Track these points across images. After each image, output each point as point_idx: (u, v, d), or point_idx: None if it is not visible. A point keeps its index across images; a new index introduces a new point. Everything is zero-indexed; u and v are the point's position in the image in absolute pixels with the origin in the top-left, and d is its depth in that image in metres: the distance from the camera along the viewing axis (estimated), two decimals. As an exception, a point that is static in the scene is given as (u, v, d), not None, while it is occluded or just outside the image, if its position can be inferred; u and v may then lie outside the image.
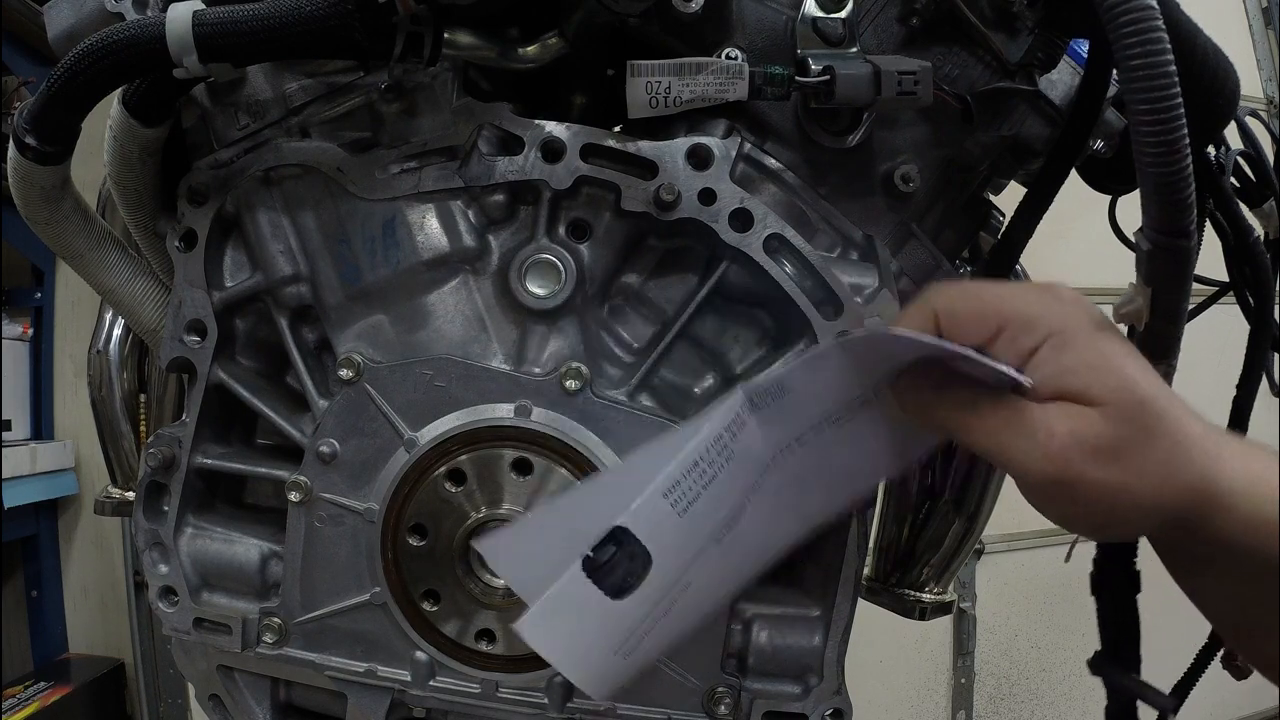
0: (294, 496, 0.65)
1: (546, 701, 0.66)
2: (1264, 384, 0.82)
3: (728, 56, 0.62)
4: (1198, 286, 0.83)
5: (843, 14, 0.62)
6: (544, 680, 0.66)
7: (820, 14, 0.62)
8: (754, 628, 0.68)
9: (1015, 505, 0.57)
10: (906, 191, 0.65)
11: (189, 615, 0.69)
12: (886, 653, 2.75)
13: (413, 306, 0.66)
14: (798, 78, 0.60)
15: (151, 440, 0.69)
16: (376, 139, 0.65)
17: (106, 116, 0.62)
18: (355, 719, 0.69)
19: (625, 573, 0.53)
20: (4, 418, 2.27)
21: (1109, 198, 0.77)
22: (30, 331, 2.40)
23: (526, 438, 0.63)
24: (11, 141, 0.61)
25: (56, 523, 2.44)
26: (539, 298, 0.65)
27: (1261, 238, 0.79)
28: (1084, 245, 1.18)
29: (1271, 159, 0.83)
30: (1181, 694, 0.85)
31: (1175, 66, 0.48)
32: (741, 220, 0.63)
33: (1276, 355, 0.83)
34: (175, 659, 0.72)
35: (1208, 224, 0.78)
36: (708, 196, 0.63)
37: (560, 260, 0.65)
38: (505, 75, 0.66)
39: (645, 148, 0.63)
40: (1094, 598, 0.76)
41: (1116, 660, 0.75)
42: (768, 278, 0.64)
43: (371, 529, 0.65)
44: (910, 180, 0.65)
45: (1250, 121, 0.81)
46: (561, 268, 0.64)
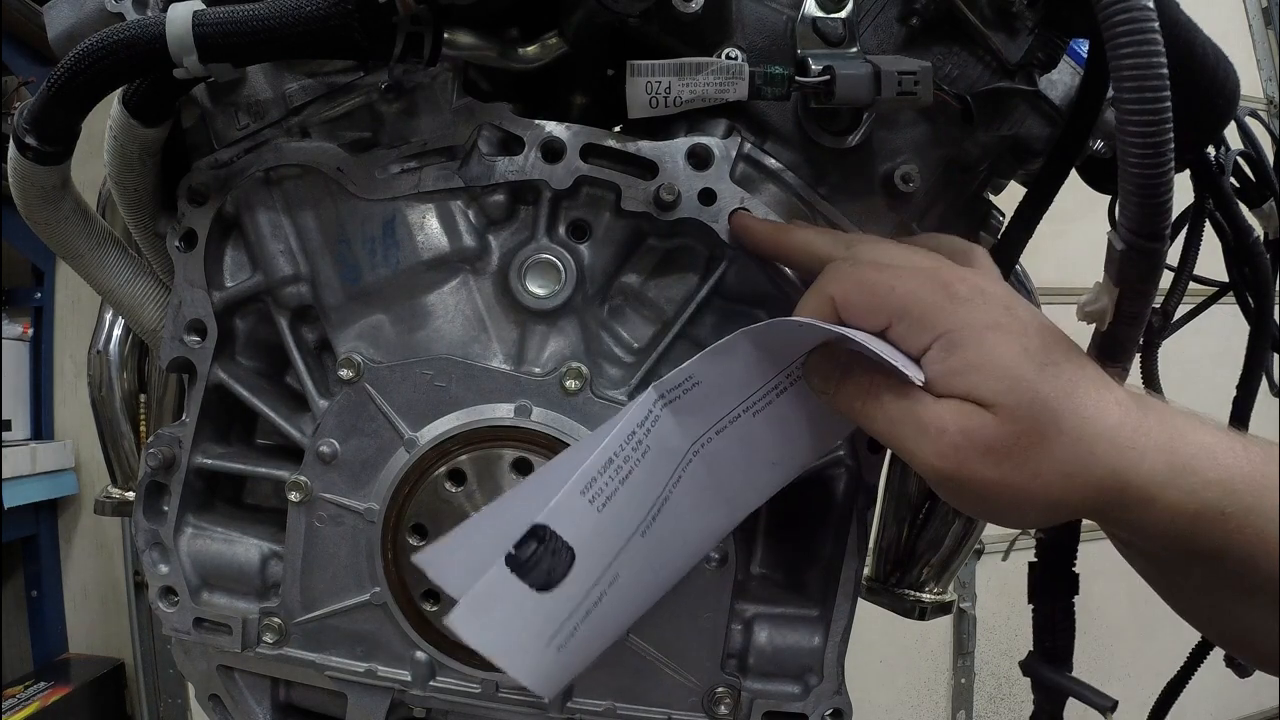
0: (294, 496, 0.65)
1: (547, 701, 0.66)
2: (1264, 384, 0.82)
3: (728, 56, 0.62)
4: (1197, 286, 0.84)
5: (843, 14, 0.62)
6: (544, 680, 0.66)
7: (820, 14, 0.62)
8: (754, 628, 0.68)
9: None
10: (906, 191, 0.65)
11: (189, 615, 0.69)
12: (886, 653, 2.76)
13: (413, 306, 0.66)
14: (798, 78, 0.60)
15: (151, 440, 0.69)
16: (376, 139, 0.65)
17: (106, 116, 0.62)
18: (355, 719, 0.69)
19: (548, 567, 0.54)
20: (4, 418, 2.27)
21: (1109, 198, 0.77)
22: (30, 331, 2.40)
23: (526, 438, 0.63)
24: (11, 141, 0.61)
25: (56, 523, 2.45)
26: (539, 298, 0.65)
27: (1261, 238, 0.79)
28: (1084, 245, 1.18)
29: (1271, 159, 0.83)
30: (1173, 692, 0.85)
31: (1167, 70, 0.48)
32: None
33: (1276, 355, 0.83)
34: (175, 659, 0.72)
35: (1207, 224, 0.79)
36: (708, 196, 0.63)
37: (560, 260, 0.65)
38: (505, 75, 0.66)
39: (645, 148, 0.63)
40: (1030, 602, 0.76)
41: (1050, 662, 0.75)
42: (767, 278, 0.65)
43: (371, 529, 0.65)
44: (910, 180, 0.65)
45: (1250, 121, 0.81)
46: (561, 268, 0.65)
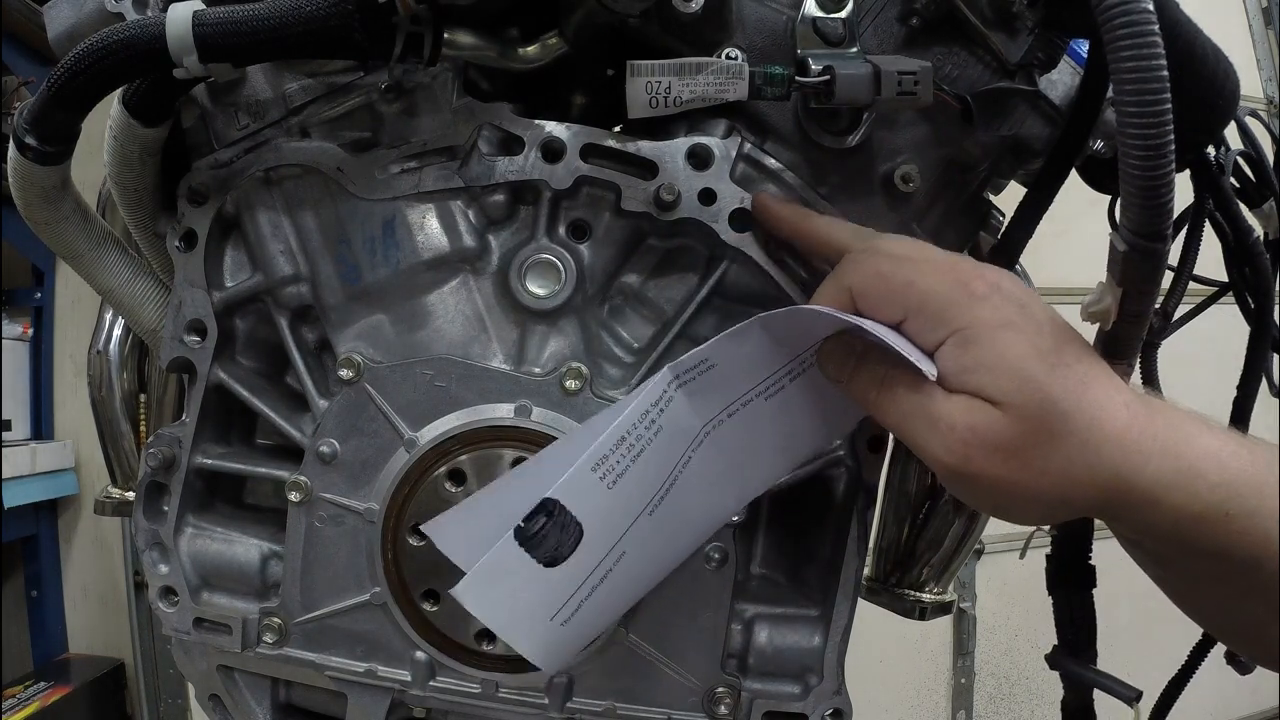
0: (294, 496, 0.65)
1: (546, 701, 0.66)
2: (1264, 384, 0.82)
3: (728, 56, 0.62)
4: (1197, 286, 0.84)
5: (843, 14, 0.62)
6: (544, 680, 0.66)
7: (820, 14, 0.62)
8: (754, 628, 0.68)
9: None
10: (906, 191, 0.65)
11: (189, 615, 0.69)
12: (886, 653, 2.75)
13: (413, 306, 0.66)
14: (798, 78, 0.60)
15: (151, 440, 0.69)
16: (376, 139, 0.65)
17: (106, 116, 0.62)
18: (355, 719, 0.69)
19: (556, 542, 0.55)
20: (4, 418, 2.27)
21: (1109, 198, 0.77)
22: (30, 331, 2.40)
23: (526, 438, 0.63)
24: (11, 141, 0.61)
25: (56, 523, 2.45)
26: (539, 298, 0.65)
27: (1261, 238, 0.79)
28: (1084, 245, 1.18)
29: (1271, 159, 0.83)
30: (1175, 690, 0.85)
31: (1167, 71, 0.48)
32: (741, 220, 0.63)
33: (1276, 356, 0.83)
34: (175, 659, 0.72)
35: (1207, 224, 0.78)
36: (708, 196, 0.63)
37: (560, 260, 0.65)
38: (505, 75, 0.66)
39: (645, 148, 0.63)
40: (1050, 595, 0.76)
41: (1074, 655, 0.75)
42: (767, 278, 0.65)
43: (371, 529, 0.65)
44: (910, 180, 0.65)
45: (1250, 121, 0.81)
46: (561, 268, 0.65)
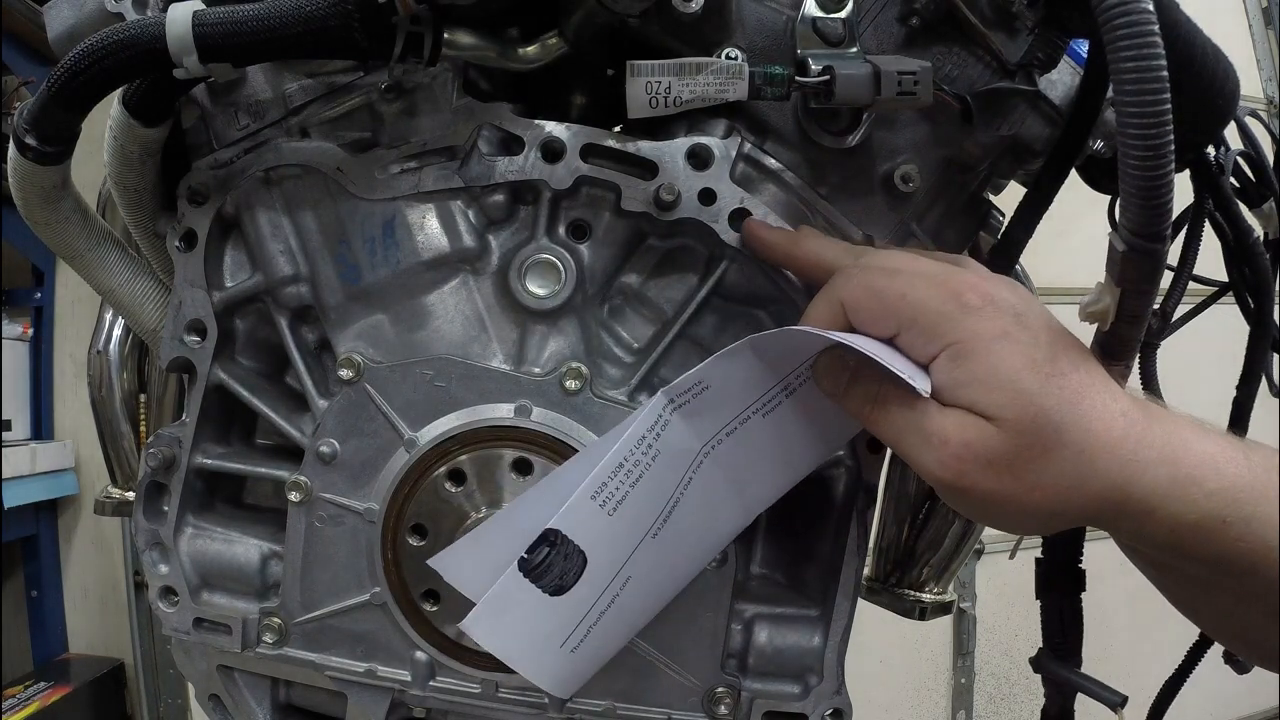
0: (294, 496, 0.65)
1: (546, 701, 0.66)
2: (1264, 384, 0.82)
3: (728, 56, 0.62)
4: (1196, 286, 0.84)
5: (843, 14, 0.62)
6: (544, 680, 0.66)
7: (820, 14, 0.62)
8: (754, 628, 0.68)
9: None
10: (906, 191, 0.65)
11: (189, 615, 0.69)
12: (886, 653, 2.76)
13: (413, 306, 0.66)
14: (798, 78, 0.60)
15: (151, 440, 0.69)
16: (376, 139, 0.65)
17: (106, 116, 0.62)
18: (355, 719, 0.69)
19: (560, 571, 0.56)
20: (4, 418, 2.27)
21: (1109, 198, 0.77)
22: (30, 331, 2.40)
23: (526, 438, 0.63)
24: (11, 141, 0.61)
25: (56, 523, 2.45)
26: (539, 298, 0.65)
27: (1261, 238, 0.79)
28: (1084, 245, 1.18)
29: (1271, 159, 0.83)
30: (1171, 690, 0.85)
31: (1167, 72, 0.48)
32: (741, 220, 0.63)
33: (1276, 355, 0.83)
34: (175, 659, 0.72)
35: (1207, 224, 0.78)
36: (708, 196, 0.63)
37: (560, 260, 0.65)
38: (505, 75, 0.66)
39: (645, 148, 0.63)
40: (1038, 599, 0.76)
41: (1060, 658, 0.76)
42: (767, 277, 0.65)
43: (371, 529, 0.65)
44: (910, 180, 0.65)
45: (1250, 121, 0.81)
46: (561, 268, 0.65)
